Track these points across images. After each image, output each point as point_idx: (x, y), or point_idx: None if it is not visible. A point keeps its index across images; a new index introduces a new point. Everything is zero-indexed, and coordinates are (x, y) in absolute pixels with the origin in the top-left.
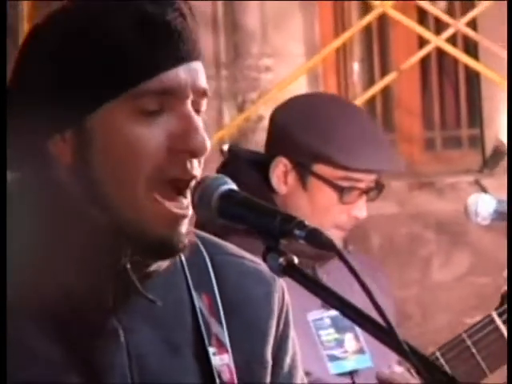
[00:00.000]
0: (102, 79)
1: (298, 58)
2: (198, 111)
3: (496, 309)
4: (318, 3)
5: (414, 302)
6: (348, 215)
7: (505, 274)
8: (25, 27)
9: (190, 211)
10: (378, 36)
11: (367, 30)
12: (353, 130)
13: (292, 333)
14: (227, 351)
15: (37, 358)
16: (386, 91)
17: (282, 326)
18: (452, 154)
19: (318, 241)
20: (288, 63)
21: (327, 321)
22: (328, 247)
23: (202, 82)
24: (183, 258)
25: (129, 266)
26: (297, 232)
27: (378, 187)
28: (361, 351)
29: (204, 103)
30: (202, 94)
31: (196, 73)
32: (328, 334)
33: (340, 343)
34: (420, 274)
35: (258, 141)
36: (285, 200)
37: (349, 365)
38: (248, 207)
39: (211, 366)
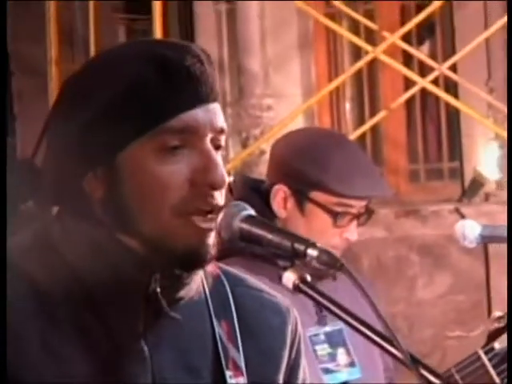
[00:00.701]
0: (129, 120)
1: (296, 98)
2: (217, 147)
3: (483, 347)
4: (314, 48)
5: (401, 316)
6: (340, 237)
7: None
8: (52, 27)
9: (215, 225)
10: (368, 78)
11: (358, 72)
12: (346, 160)
13: (303, 361)
14: (243, 374)
15: (73, 373)
16: (375, 128)
17: (294, 354)
18: (434, 185)
19: (328, 260)
20: (287, 102)
21: (322, 337)
22: (337, 266)
23: (220, 120)
24: (207, 288)
25: (159, 290)
26: (310, 252)
27: (368, 213)
28: (351, 364)
29: (223, 139)
30: (220, 131)
31: (214, 113)
32: (323, 349)
33: (333, 357)
34: (406, 292)
35: (261, 172)
36: (284, 223)
37: (341, 377)
38: (265, 231)
39: None
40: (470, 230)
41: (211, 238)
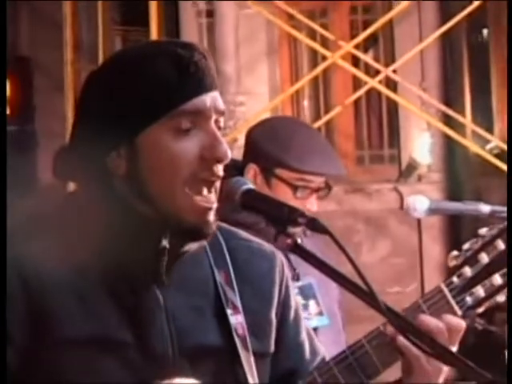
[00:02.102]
0: (148, 106)
1: (264, 96)
2: (219, 127)
3: (444, 281)
4: (279, 55)
5: (349, 275)
6: (302, 208)
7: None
8: (68, 25)
9: (215, 204)
10: (323, 80)
11: (314, 75)
12: (305, 142)
13: (293, 294)
14: (240, 312)
15: (98, 316)
16: (328, 121)
17: (283, 290)
18: (376, 168)
19: (315, 226)
20: (256, 99)
21: (296, 290)
22: (322, 230)
23: (221, 104)
24: (206, 243)
25: (168, 246)
26: (300, 219)
27: (327, 187)
28: (320, 313)
29: (222, 121)
30: (221, 113)
31: (216, 99)
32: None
33: (306, 307)
34: (353, 255)
35: (234, 156)
36: None
37: (312, 323)
38: (263, 201)
39: (229, 323)
40: (420, 203)
41: (212, 216)
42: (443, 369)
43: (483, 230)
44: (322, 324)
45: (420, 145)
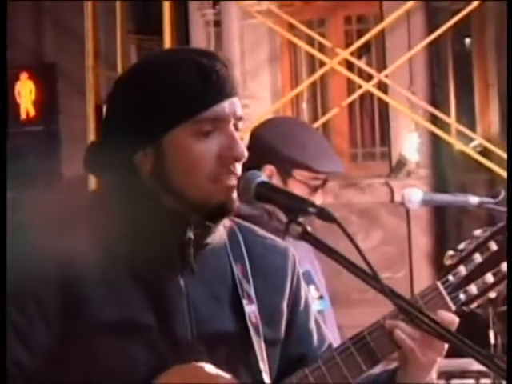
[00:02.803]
0: (173, 111)
1: (266, 99)
2: (237, 129)
3: (439, 279)
4: (280, 62)
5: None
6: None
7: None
8: (89, 35)
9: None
10: (320, 85)
11: (313, 80)
12: (315, 145)
13: (303, 285)
14: (254, 302)
15: (125, 301)
16: (325, 122)
17: (295, 283)
18: (369, 164)
19: (324, 215)
20: (259, 102)
21: None
22: (331, 219)
23: (239, 110)
24: (226, 238)
25: (192, 237)
26: (310, 209)
27: (325, 183)
28: (321, 297)
29: (240, 124)
30: (239, 118)
31: (235, 104)
32: None
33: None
34: (348, 244)
35: None
36: None
37: (315, 307)
38: (276, 192)
39: (244, 312)
40: (414, 195)
41: (235, 194)
42: (437, 360)
43: (477, 232)
44: (324, 307)
45: (409, 143)
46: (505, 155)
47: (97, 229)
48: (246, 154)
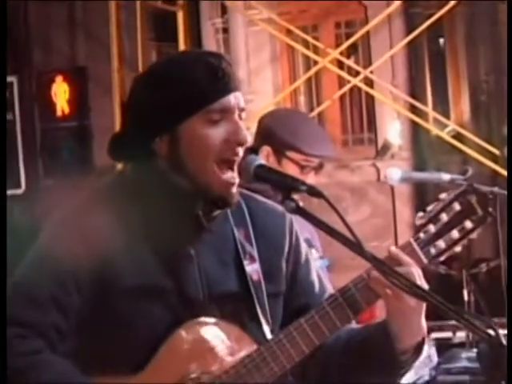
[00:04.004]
0: (187, 103)
1: (269, 94)
2: (241, 119)
3: (413, 237)
4: (280, 62)
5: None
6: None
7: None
8: (114, 42)
9: (237, 180)
10: (315, 80)
11: (308, 77)
12: (310, 130)
13: (302, 242)
14: (256, 261)
15: (146, 269)
16: (320, 111)
17: (294, 241)
18: (358, 148)
19: (313, 192)
20: (263, 97)
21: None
22: (319, 195)
23: (242, 102)
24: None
25: (201, 213)
26: (301, 187)
27: (321, 166)
28: (321, 257)
29: (243, 115)
30: (242, 109)
31: (239, 98)
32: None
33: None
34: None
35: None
36: None
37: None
38: (272, 173)
39: (245, 272)
40: (395, 174)
41: (235, 189)
42: (415, 308)
43: (443, 195)
44: (324, 265)
45: (392, 129)
46: (475, 139)
47: (119, 208)
48: (248, 139)
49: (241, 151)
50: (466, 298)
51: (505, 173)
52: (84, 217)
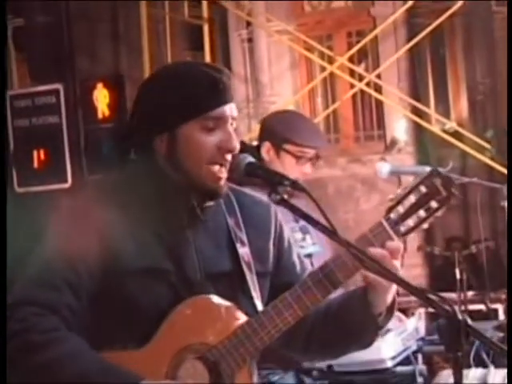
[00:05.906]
0: (186, 109)
1: (289, 97)
2: (232, 126)
3: (383, 217)
4: (299, 69)
5: (352, 220)
6: (300, 172)
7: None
8: (146, 51)
9: (225, 175)
10: (330, 83)
11: (324, 79)
12: (302, 125)
13: (286, 229)
14: (246, 245)
15: (149, 252)
16: (334, 111)
17: (278, 227)
18: (369, 144)
19: (296, 186)
20: (283, 100)
21: (297, 228)
22: (300, 189)
23: (235, 112)
24: (221, 200)
25: (195, 203)
26: (286, 182)
27: (317, 157)
28: (314, 244)
29: (234, 123)
30: (234, 119)
31: (233, 109)
32: (298, 235)
33: (304, 239)
34: (354, 205)
35: None
36: (269, 164)
37: (309, 250)
38: (260, 170)
39: (238, 253)
40: (384, 168)
41: (223, 182)
42: (391, 284)
43: (411, 180)
44: (316, 251)
45: (399, 127)
46: (472, 136)
47: (123, 200)
48: (237, 147)
49: (229, 157)
50: (458, 276)
51: (496, 166)
52: (92, 206)
